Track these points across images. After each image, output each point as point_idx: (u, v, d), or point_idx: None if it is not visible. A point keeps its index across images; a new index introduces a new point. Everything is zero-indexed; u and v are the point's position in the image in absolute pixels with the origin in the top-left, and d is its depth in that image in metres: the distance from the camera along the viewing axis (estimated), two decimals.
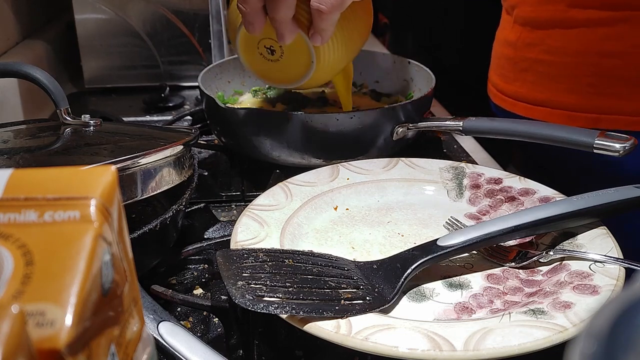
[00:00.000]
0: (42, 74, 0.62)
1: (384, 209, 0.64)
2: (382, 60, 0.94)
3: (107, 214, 0.27)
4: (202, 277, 0.61)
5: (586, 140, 0.61)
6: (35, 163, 0.53)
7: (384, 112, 0.74)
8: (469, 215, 0.63)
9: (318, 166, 0.69)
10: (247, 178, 0.79)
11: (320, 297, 0.45)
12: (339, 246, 0.57)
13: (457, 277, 0.53)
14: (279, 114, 0.72)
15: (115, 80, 1.12)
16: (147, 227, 0.52)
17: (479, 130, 0.71)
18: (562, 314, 0.44)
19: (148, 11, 1.09)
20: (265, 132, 0.72)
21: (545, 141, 0.65)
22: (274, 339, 0.50)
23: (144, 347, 0.30)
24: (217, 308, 0.51)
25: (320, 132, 0.71)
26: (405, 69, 0.91)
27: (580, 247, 0.53)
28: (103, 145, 0.58)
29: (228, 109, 0.74)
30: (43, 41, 1.09)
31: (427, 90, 0.79)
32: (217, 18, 1.11)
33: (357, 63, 0.86)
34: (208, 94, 0.77)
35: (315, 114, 0.72)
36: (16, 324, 0.20)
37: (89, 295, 0.24)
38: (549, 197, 0.61)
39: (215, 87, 0.89)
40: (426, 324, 0.44)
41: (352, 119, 0.71)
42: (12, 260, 0.24)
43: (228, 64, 0.92)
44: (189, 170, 0.61)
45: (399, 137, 0.74)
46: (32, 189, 0.26)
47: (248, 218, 0.57)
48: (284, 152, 0.73)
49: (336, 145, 0.72)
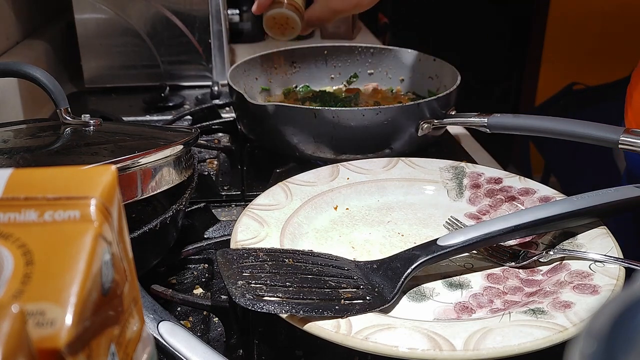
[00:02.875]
0: (42, 74, 0.62)
1: (384, 208, 0.64)
2: (408, 58, 0.96)
3: (107, 213, 0.27)
4: (202, 277, 0.61)
5: (611, 136, 0.61)
6: (35, 163, 0.53)
7: (409, 108, 0.74)
8: (469, 215, 0.63)
9: (343, 160, 0.70)
10: (247, 178, 0.79)
11: (320, 297, 0.45)
12: (339, 246, 0.57)
13: (457, 277, 0.53)
14: (306, 109, 0.73)
15: (115, 80, 1.12)
16: (147, 227, 0.52)
17: (504, 126, 0.70)
18: (562, 314, 0.44)
19: (148, 11, 1.09)
20: (292, 128, 0.74)
21: (571, 137, 0.65)
22: (274, 339, 0.50)
23: (144, 346, 0.30)
24: (217, 308, 0.51)
25: (346, 127, 0.72)
26: (430, 66, 0.93)
27: (580, 246, 0.53)
28: (103, 145, 0.58)
29: (257, 104, 0.76)
30: (43, 41, 1.09)
31: (452, 86, 0.80)
32: (217, 18, 1.11)
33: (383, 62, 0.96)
34: (237, 90, 0.79)
35: (341, 109, 0.73)
36: (16, 324, 0.20)
37: (89, 295, 0.24)
38: (549, 197, 0.61)
39: (243, 83, 0.90)
40: (426, 324, 0.44)
41: (377, 114, 0.72)
42: (12, 259, 0.24)
43: (255, 61, 0.94)
44: (189, 170, 0.61)
45: (423, 132, 0.75)
46: (32, 188, 0.26)
47: (248, 218, 0.57)
48: (310, 147, 0.74)
49: (362, 140, 0.74)
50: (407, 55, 0.96)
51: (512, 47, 2.58)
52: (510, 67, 2.61)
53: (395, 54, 0.97)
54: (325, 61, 0.99)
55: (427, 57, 0.94)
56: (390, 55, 0.97)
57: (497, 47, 2.53)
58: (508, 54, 2.58)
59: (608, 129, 0.62)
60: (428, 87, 0.93)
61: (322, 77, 0.99)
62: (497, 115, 0.70)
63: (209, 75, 1.14)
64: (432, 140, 0.80)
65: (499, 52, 2.55)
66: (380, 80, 0.98)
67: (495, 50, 2.52)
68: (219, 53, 1.13)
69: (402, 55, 0.97)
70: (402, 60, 0.97)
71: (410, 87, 0.96)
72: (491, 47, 2.49)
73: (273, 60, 0.96)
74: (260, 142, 0.83)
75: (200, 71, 1.14)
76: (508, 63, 2.60)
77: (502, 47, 2.56)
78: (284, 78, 0.97)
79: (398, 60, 0.97)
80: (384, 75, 0.98)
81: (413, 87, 0.95)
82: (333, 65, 0.99)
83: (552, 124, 0.67)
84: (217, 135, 0.93)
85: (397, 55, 0.97)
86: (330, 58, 0.99)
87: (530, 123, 0.68)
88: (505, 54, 2.57)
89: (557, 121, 0.67)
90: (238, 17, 1.44)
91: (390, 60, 0.97)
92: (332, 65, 0.99)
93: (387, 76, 0.98)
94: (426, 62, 0.94)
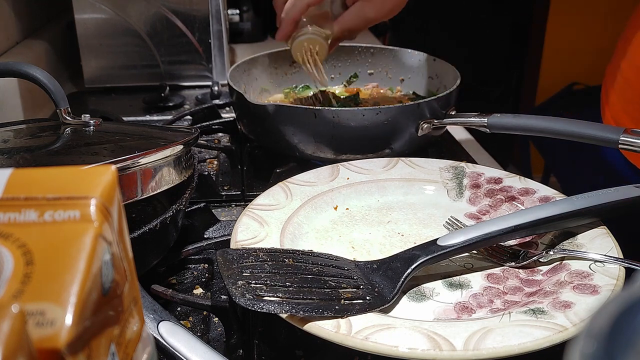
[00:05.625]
0: (42, 74, 0.62)
1: (384, 208, 0.64)
2: (408, 58, 0.96)
3: (107, 213, 0.27)
4: (202, 277, 0.61)
5: (611, 136, 0.61)
6: (35, 163, 0.53)
7: (409, 108, 0.74)
8: (469, 214, 0.63)
9: (344, 160, 0.70)
10: (247, 178, 0.79)
11: (320, 297, 0.45)
12: (339, 246, 0.57)
13: (457, 277, 0.53)
14: (306, 109, 0.73)
15: (115, 80, 1.12)
16: (147, 227, 0.52)
17: (504, 126, 0.70)
18: (562, 314, 0.44)
19: (148, 11, 1.09)
20: (292, 128, 0.74)
21: (571, 137, 0.65)
22: (274, 339, 0.50)
23: (144, 346, 0.30)
24: (217, 308, 0.51)
25: (346, 127, 0.72)
26: (430, 66, 0.93)
27: (580, 246, 0.53)
28: (103, 145, 0.58)
29: (257, 104, 0.76)
30: (43, 41, 1.09)
31: (452, 86, 0.80)
32: (217, 18, 1.11)
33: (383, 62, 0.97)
34: (237, 90, 0.79)
35: (341, 109, 0.73)
36: (16, 324, 0.20)
37: (89, 295, 0.24)
38: (549, 197, 0.61)
39: (243, 83, 0.91)
40: (426, 324, 0.44)
41: (377, 114, 0.72)
42: (12, 259, 0.24)
43: (255, 61, 0.94)
44: (189, 170, 0.61)
45: (423, 132, 0.75)
46: (32, 188, 0.26)
47: (248, 218, 0.57)
48: (310, 147, 0.74)
49: (362, 140, 0.74)
50: (407, 55, 0.96)
51: (512, 47, 2.58)
52: (510, 67, 2.61)
53: (395, 54, 0.97)
54: (325, 61, 0.99)
55: (427, 57, 0.94)
56: (390, 55, 0.97)
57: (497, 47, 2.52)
58: (508, 54, 2.58)
59: (608, 129, 0.62)
60: (428, 87, 0.93)
61: None
62: (497, 115, 0.71)
63: (209, 75, 1.14)
64: (432, 140, 0.80)
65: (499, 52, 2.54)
66: (380, 80, 0.98)
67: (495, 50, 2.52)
68: (219, 53, 1.13)
69: (402, 55, 0.97)
70: (402, 60, 0.97)
71: (410, 87, 0.96)
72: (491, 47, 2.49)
73: (273, 60, 0.96)
74: (260, 142, 0.83)
75: (200, 71, 1.14)
76: (508, 63, 2.60)
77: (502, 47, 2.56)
78: (284, 78, 0.97)
79: (398, 60, 0.97)
80: (384, 75, 0.98)
81: (413, 87, 0.95)
82: (333, 65, 0.99)
83: (552, 124, 0.67)
84: (217, 135, 0.93)
85: (397, 55, 0.97)
86: (330, 58, 0.99)
87: (530, 123, 0.68)
88: (505, 54, 2.57)
89: (557, 121, 0.67)
90: (238, 17, 1.44)
91: (390, 60, 0.97)
92: (332, 65, 0.99)
93: (387, 76, 0.98)
94: (426, 62, 0.94)
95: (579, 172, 1.80)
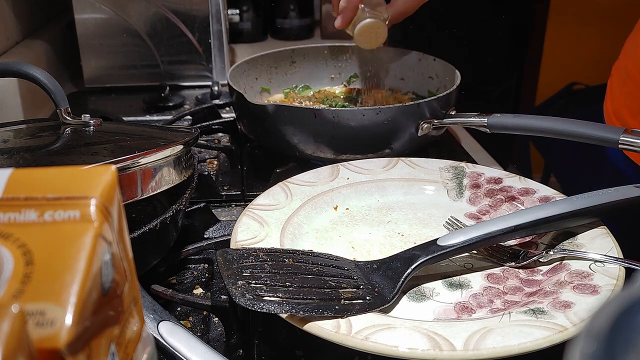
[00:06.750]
0: (42, 74, 0.62)
1: (384, 208, 0.64)
2: (407, 58, 0.96)
3: (107, 213, 0.27)
4: (202, 277, 0.61)
5: (611, 136, 0.61)
6: (35, 163, 0.53)
7: (409, 108, 0.74)
8: (469, 214, 0.63)
9: (344, 160, 0.70)
10: (247, 178, 0.79)
11: (320, 297, 0.45)
12: (339, 246, 0.57)
13: (457, 277, 0.53)
14: (306, 109, 0.73)
15: (115, 80, 1.12)
16: (147, 227, 0.52)
17: (504, 126, 0.70)
18: (562, 314, 0.44)
19: (148, 11, 1.09)
20: (292, 128, 0.74)
21: (571, 137, 0.65)
22: (274, 339, 0.50)
23: (144, 346, 0.30)
24: (217, 308, 0.51)
25: (346, 127, 0.72)
26: (430, 66, 0.93)
27: (580, 246, 0.53)
28: (103, 145, 0.58)
29: (257, 104, 0.76)
30: (43, 41, 1.09)
31: (452, 87, 0.80)
32: (217, 18, 1.11)
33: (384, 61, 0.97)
34: (237, 90, 0.79)
35: (341, 109, 0.73)
36: (16, 324, 0.20)
37: (89, 295, 0.24)
38: (549, 197, 0.61)
39: (243, 83, 0.91)
40: (426, 324, 0.44)
41: (377, 114, 0.72)
42: (12, 259, 0.24)
43: (255, 61, 0.94)
44: (189, 170, 0.61)
45: (423, 132, 0.75)
46: (32, 188, 0.26)
47: (248, 218, 0.57)
48: (310, 147, 0.74)
49: (362, 140, 0.74)
50: (407, 55, 0.96)
51: (512, 47, 2.58)
52: (510, 67, 2.61)
53: (395, 54, 0.97)
54: (325, 61, 0.99)
55: (427, 57, 0.94)
56: (390, 55, 0.97)
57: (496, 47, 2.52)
58: (508, 54, 2.58)
59: (608, 129, 0.62)
60: (428, 87, 0.93)
61: (322, 77, 0.99)
62: (497, 115, 0.71)
63: (209, 75, 1.14)
64: (432, 140, 0.80)
65: (499, 52, 2.54)
66: (380, 80, 0.98)
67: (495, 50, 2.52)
68: (219, 53, 1.13)
69: (402, 55, 0.97)
70: (402, 60, 0.97)
71: (410, 87, 0.96)
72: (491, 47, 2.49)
73: (273, 60, 0.96)
74: (260, 142, 0.83)
75: (200, 71, 1.14)
76: (508, 63, 2.60)
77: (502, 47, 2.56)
78: (284, 78, 0.97)
79: (398, 60, 0.97)
80: (384, 75, 0.98)
81: (413, 87, 0.95)
82: (333, 65, 0.99)
83: (552, 124, 0.67)
84: (217, 135, 0.93)
85: (397, 55, 0.97)
86: (330, 58, 0.99)
87: (530, 123, 0.68)
88: (505, 54, 2.57)
89: (557, 121, 0.67)
90: (238, 17, 1.44)
91: (390, 60, 0.97)
92: (332, 65, 0.99)
93: (387, 76, 0.98)
94: (426, 62, 0.94)
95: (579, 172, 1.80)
